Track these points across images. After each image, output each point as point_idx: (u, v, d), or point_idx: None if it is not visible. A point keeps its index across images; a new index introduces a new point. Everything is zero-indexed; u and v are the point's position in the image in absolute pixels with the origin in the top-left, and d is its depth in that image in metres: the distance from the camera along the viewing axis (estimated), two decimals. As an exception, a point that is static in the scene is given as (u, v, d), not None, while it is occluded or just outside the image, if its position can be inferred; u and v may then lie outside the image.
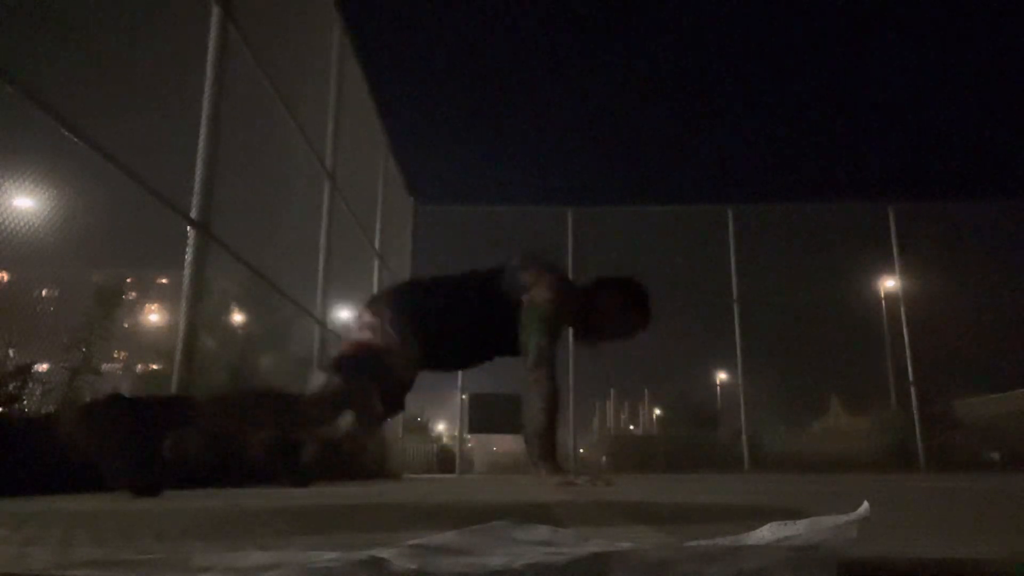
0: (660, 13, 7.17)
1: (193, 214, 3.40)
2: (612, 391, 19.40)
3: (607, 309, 2.58)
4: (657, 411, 15.15)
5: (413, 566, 0.54)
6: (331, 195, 6.01)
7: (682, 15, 7.20)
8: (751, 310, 10.89)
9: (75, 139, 2.51)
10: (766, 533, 0.65)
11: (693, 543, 0.62)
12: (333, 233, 5.98)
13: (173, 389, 3.22)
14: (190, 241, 3.39)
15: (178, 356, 3.28)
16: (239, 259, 3.93)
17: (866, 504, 0.68)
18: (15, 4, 2.41)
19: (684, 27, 7.40)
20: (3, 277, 2.35)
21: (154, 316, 3.57)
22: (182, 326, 3.33)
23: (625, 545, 0.64)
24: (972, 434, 10.71)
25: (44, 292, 2.66)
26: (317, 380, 2.26)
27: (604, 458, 13.85)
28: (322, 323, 5.69)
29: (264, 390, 2.29)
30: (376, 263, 8.06)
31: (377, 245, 8.05)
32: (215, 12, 3.69)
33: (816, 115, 8.91)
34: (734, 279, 10.90)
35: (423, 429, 15.99)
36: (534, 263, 2.47)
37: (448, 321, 2.41)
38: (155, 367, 3.45)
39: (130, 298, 3.21)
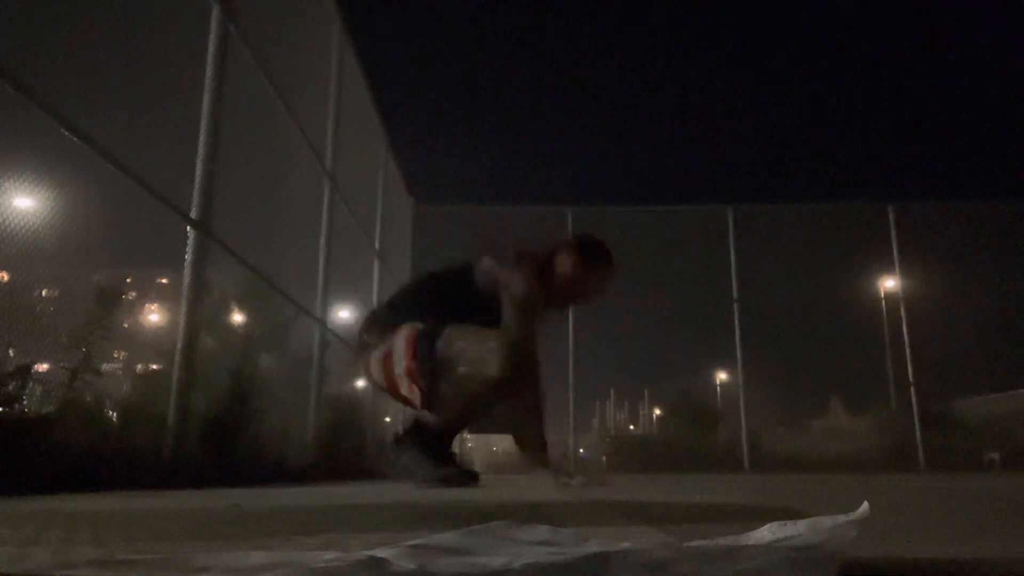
0: (661, 16, 7.19)
1: (193, 214, 3.40)
2: (612, 391, 19.44)
3: (566, 273, 2.66)
4: (657, 411, 15.14)
5: (413, 566, 0.54)
6: (331, 195, 6.01)
7: (683, 18, 7.21)
8: (751, 310, 10.89)
9: (74, 139, 2.51)
10: (766, 533, 0.65)
11: (693, 543, 0.62)
12: (333, 233, 5.98)
13: (173, 389, 3.22)
14: (190, 241, 3.40)
15: (178, 356, 3.28)
16: (239, 259, 3.93)
17: (866, 504, 0.68)
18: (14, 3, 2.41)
19: (684, 29, 7.42)
20: (3, 277, 2.35)
21: (154, 316, 3.56)
22: (182, 326, 3.33)
23: (625, 545, 0.64)
24: (972, 434, 10.70)
25: (44, 292, 2.65)
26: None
27: (604, 458, 13.83)
28: (322, 323, 5.69)
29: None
30: (376, 263, 8.07)
31: (377, 245, 8.05)
32: (215, 11, 3.69)
33: (816, 116, 8.99)
34: (734, 279, 10.89)
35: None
36: (505, 260, 2.61)
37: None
38: (155, 367, 3.44)
39: (130, 298, 3.20)
